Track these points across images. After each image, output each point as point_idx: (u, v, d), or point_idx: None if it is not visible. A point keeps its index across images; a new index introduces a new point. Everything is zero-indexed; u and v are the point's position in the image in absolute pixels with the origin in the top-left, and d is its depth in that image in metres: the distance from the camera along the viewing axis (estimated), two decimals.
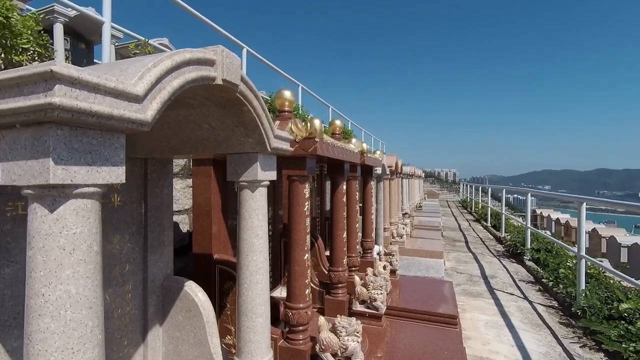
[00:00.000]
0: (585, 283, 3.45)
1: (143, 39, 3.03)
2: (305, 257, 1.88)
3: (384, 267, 2.87)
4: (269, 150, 1.36)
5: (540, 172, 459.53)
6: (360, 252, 3.64)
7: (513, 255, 5.68)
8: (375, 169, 4.06)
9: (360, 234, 3.69)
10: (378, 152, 4.09)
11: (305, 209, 1.89)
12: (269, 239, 2.62)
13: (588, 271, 3.86)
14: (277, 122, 2.06)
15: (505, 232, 7.19)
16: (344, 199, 2.69)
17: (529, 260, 5.14)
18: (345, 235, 2.67)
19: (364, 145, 3.06)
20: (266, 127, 1.33)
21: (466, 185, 19.21)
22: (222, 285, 1.99)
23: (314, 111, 12.34)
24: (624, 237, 10.20)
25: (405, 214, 7.90)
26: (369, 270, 2.75)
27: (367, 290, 2.53)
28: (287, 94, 2.09)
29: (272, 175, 1.47)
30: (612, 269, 3.18)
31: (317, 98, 8.53)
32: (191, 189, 2.59)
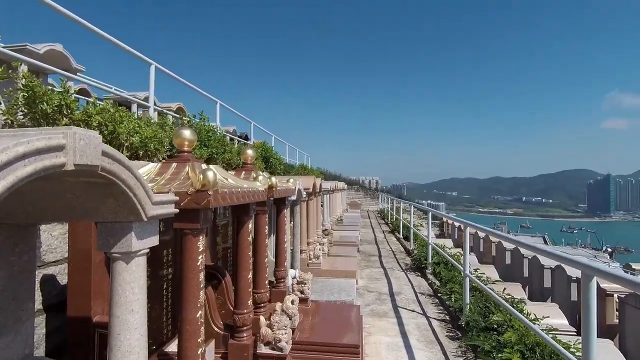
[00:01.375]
0: (471, 296, 3.95)
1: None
2: (198, 315, 1.80)
3: (292, 302, 2.91)
4: (145, 219, 1.28)
5: (449, 179, 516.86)
6: (273, 282, 3.65)
7: (418, 269, 6.24)
8: (289, 197, 4.13)
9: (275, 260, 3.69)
10: (292, 180, 4.16)
11: (199, 262, 1.82)
12: (168, 283, 2.46)
13: (473, 285, 4.41)
14: (174, 164, 1.97)
15: (414, 244, 7.87)
16: (250, 237, 2.67)
17: (430, 273, 5.70)
18: (250, 275, 2.64)
19: (273, 180, 3.08)
20: (141, 197, 1.24)
21: (384, 195, 20.54)
22: (103, 352, 1.80)
23: (240, 127, 12.05)
24: (507, 242, 11.95)
25: (325, 230, 8.15)
26: (278, 305, 2.76)
27: (272, 331, 2.53)
28: (187, 133, 2.01)
29: (153, 241, 1.39)
30: (483, 286, 3.67)
31: (238, 114, 8.37)
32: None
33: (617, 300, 7.01)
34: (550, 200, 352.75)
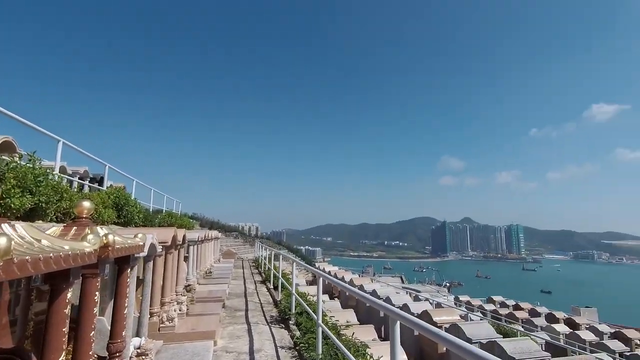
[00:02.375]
0: (324, 344, 4.14)
1: None
2: None
3: None
4: None
5: (325, 225, 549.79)
6: (105, 359, 3.08)
7: (283, 321, 6.24)
8: (137, 255, 3.70)
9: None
10: (140, 235, 3.77)
11: None
12: None
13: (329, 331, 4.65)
14: None
15: (281, 294, 7.90)
16: (67, 310, 2.25)
17: (293, 324, 5.77)
18: (63, 356, 2.19)
19: (110, 237, 2.74)
20: None
21: (259, 243, 20.33)
22: None
23: (95, 168, 10.50)
24: (369, 284, 13.25)
25: (188, 286, 7.47)
26: None
27: None
28: None
29: None
30: (329, 334, 3.94)
31: (88, 155, 7.32)
32: None
33: (445, 330, 8.44)
34: (406, 244, 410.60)
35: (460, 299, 22.54)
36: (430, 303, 13.20)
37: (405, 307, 10.19)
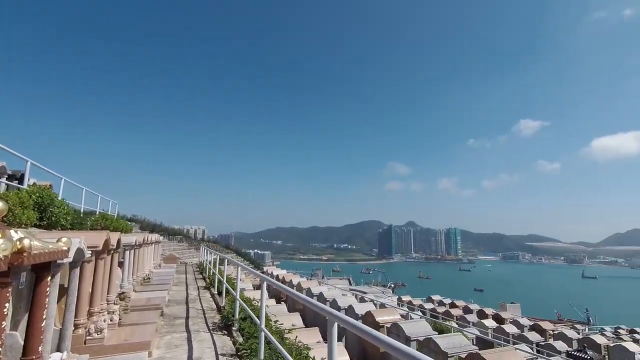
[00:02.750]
0: (267, 349, 4.11)
1: None
2: None
3: None
4: None
5: (275, 229, 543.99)
6: None
7: (226, 327, 6.06)
8: (61, 260, 3.37)
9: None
10: (64, 240, 3.44)
11: None
12: None
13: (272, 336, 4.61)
14: None
15: (225, 299, 7.67)
16: None
17: (236, 331, 5.63)
18: None
19: (25, 242, 2.47)
20: None
21: (204, 247, 19.57)
22: None
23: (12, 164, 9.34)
24: (316, 287, 13.37)
25: (122, 294, 6.94)
26: None
27: None
28: None
29: None
30: (272, 339, 3.92)
31: (7, 150, 6.53)
32: None
33: (386, 330, 8.80)
34: (354, 246, 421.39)
35: (403, 299, 23.66)
36: (375, 304, 13.67)
37: (350, 309, 10.44)
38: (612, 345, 14.79)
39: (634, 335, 25.90)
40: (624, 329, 28.39)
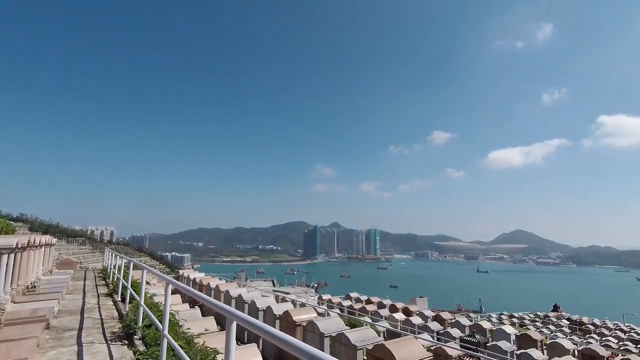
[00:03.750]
0: (172, 356, 3.89)
1: None
2: None
3: None
4: None
5: (196, 230, 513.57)
6: None
7: (127, 336, 5.56)
8: None
9: None
10: None
11: None
12: None
13: (177, 343, 4.38)
14: None
15: (129, 306, 7.03)
16: None
17: (139, 339, 5.20)
18: None
19: None
20: None
21: (109, 250, 17.63)
22: None
23: None
24: (235, 290, 13.04)
25: None
26: None
27: None
28: None
29: None
30: (175, 345, 3.76)
31: None
32: None
33: (302, 328, 9.01)
34: (279, 247, 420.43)
35: (323, 297, 24.41)
36: (294, 303, 13.85)
37: (269, 309, 10.42)
38: (494, 329, 17.31)
39: (512, 319, 30.67)
40: (505, 315, 33.38)
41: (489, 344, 14.36)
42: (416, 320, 18.01)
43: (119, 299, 8.74)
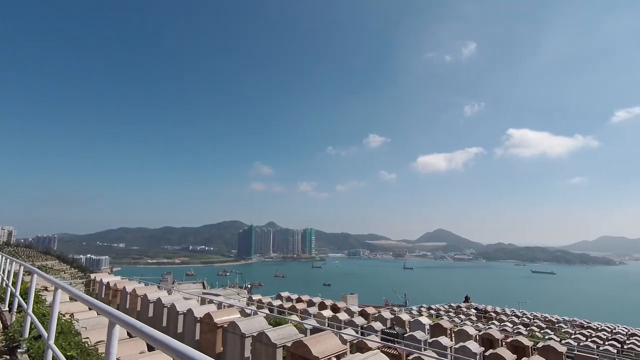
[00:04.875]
0: None
1: None
2: None
3: None
4: None
5: (117, 229, 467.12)
6: None
7: (10, 350, 4.88)
8: None
9: None
10: None
11: None
12: None
13: (68, 353, 3.99)
14: None
15: (16, 316, 6.16)
16: None
17: (23, 352, 4.60)
18: None
19: None
20: None
21: (2, 255, 15.26)
22: None
23: None
24: (154, 293, 12.19)
25: None
26: None
27: None
28: None
29: None
30: (61, 357, 3.44)
31: None
32: None
33: (223, 329, 8.79)
34: (212, 248, 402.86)
35: (253, 298, 24.05)
36: (219, 305, 13.44)
37: (189, 312, 9.96)
38: (412, 320, 18.75)
39: (430, 311, 33.51)
40: (424, 307, 36.35)
41: (406, 335, 15.51)
42: (343, 316, 18.69)
43: (6, 308, 7.61)
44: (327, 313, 19.51)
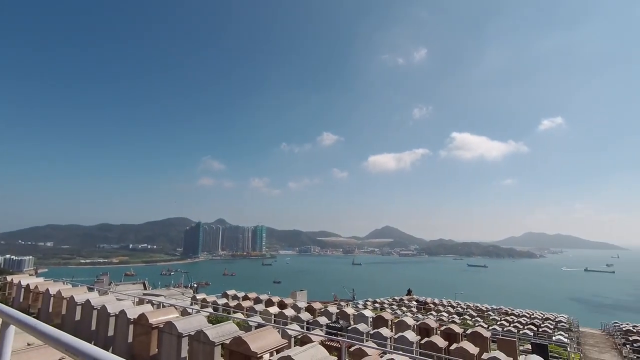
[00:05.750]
0: None
1: None
2: None
3: None
4: None
5: (44, 226, 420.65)
6: None
7: None
8: None
9: None
10: None
11: None
12: None
13: None
14: None
15: None
16: None
17: None
18: None
19: None
20: None
21: None
22: None
23: None
24: (82, 295, 11.23)
25: None
26: None
27: None
28: None
29: None
30: None
31: None
32: None
33: (159, 330, 8.38)
34: (155, 246, 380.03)
35: (197, 297, 23.21)
36: (158, 305, 12.76)
37: (122, 313, 9.33)
38: (356, 314, 19.41)
39: (374, 304, 34.92)
40: (370, 301, 37.78)
41: (349, 328, 16.02)
42: (289, 312, 18.77)
43: None
44: (274, 310, 19.46)
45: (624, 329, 27.50)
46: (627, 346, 21.05)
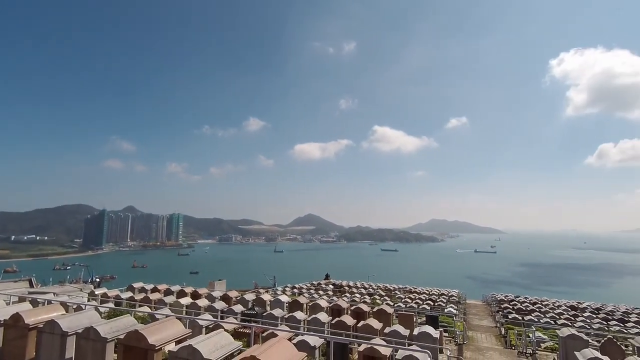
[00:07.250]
0: None
1: None
2: None
3: None
4: None
5: None
6: None
7: None
8: None
9: None
10: None
11: None
12: None
13: None
14: None
15: None
16: None
17: None
18: None
19: None
20: None
21: None
22: None
23: None
24: None
25: None
26: None
27: None
28: None
29: None
30: None
31: None
32: None
33: (38, 330, 7.34)
34: (46, 238, 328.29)
35: (96, 292, 20.92)
36: (39, 303, 11.12)
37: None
38: (273, 299, 19.64)
39: (293, 290, 35.75)
40: (289, 287, 38.54)
41: (265, 314, 16.14)
42: (202, 302, 18.12)
43: None
44: (186, 301, 18.58)
45: (498, 299, 33.00)
46: (499, 313, 25.34)
